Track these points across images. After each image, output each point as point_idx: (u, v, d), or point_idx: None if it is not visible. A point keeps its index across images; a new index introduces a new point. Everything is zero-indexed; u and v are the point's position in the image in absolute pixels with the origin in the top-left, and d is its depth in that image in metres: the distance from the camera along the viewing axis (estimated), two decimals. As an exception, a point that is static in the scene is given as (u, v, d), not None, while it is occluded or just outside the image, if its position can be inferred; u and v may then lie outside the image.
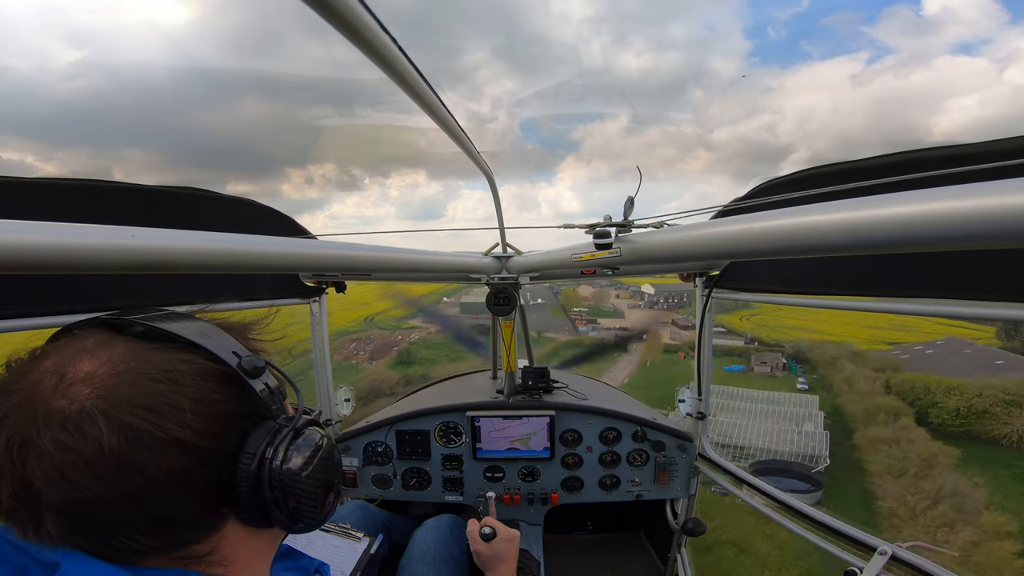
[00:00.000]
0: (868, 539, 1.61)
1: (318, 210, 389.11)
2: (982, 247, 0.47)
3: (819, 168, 1.35)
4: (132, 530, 0.50)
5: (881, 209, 0.55)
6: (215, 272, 0.84)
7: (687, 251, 1.03)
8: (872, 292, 1.46)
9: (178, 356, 0.55)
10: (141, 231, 0.69)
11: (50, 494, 0.47)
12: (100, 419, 0.47)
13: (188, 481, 0.52)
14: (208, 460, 0.54)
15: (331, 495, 0.67)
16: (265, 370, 0.60)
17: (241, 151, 70.83)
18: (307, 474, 0.60)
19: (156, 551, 0.53)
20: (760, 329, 59.39)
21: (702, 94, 63.87)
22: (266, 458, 0.57)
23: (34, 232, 0.59)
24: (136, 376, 0.51)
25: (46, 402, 0.48)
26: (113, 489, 0.48)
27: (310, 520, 0.63)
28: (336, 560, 1.45)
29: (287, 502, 0.59)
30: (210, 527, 0.56)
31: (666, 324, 63.73)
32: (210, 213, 1.56)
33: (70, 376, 0.50)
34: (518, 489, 2.45)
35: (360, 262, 1.39)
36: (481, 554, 1.53)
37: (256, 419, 0.60)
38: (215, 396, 0.55)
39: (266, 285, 2.05)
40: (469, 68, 62.79)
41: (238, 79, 61.53)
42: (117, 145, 72.41)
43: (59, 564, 0.48)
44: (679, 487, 2.44)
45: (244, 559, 0.60)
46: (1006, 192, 0.43)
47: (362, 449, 2.43)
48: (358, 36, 0.64)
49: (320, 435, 0.65)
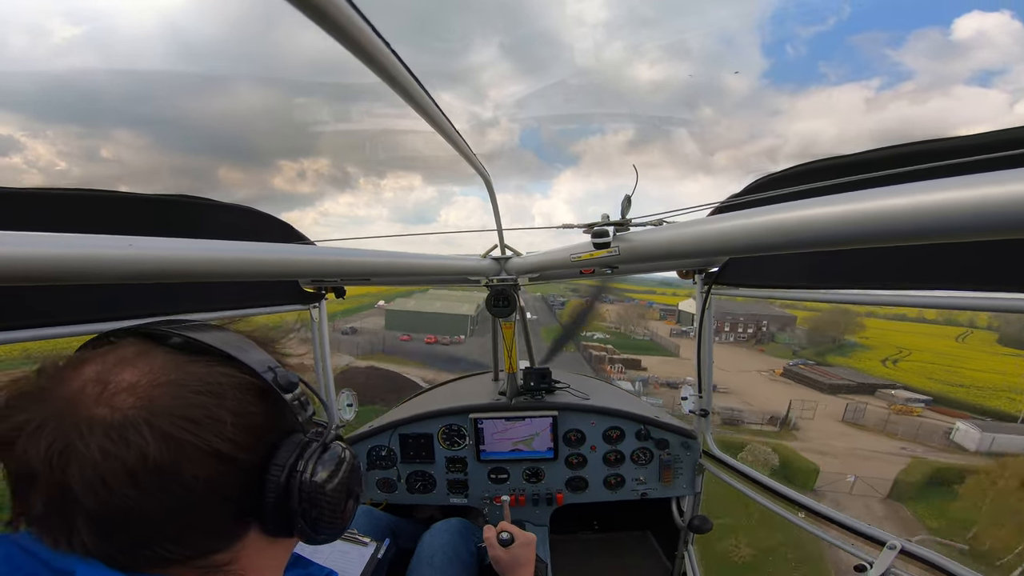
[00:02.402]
0: (877, 533, 1.60)
1: (309, 207, 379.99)
2: (978, 237, 0.48)
3: (815, 163, 1.36)
4: (163, 539, 0.51)
5: (877, 202, 0.55)
6: (214, 280, 0.84)
7: (685, 248, 1.03)
8: (871, 284, 1.46)
9: (218, 370, 0.56)
10: (139, 240, 0.69)
11: (89, 501, 0.47)
12: (144, 428, 0.48)
13: (223, 491, 0.53)
14: (242, 471, 0.55)
15: (352, 505, 0.69)
16: (298, 385, 0.62)
17: (233, 139, 69.85)
18: (333, 487, 0.62)
19: (180, 560, 0.53)
20: (927, 381, 38.95)
21: (711, 112, 60.14)
22: (296, 471, 0.59)
23: (30, 243, 0.58)
24: (178, 388, 0.52)
25: (89, 410, 0.49)
26: (152, 498, 0.48)
27: (331, 531, 0.65)
28: (344, 566, 1.45)
29: (312, 513, 0.60)
30: (234, 536, 0.57)
31: (772, 378, 39.11)
32: (208, 221, 1.56)
33: (113, 386, 0.50)
34: (523, 490, 2.45)
35: (360, 267, 1.39)
36: (500, 560, 1.52)
37: (285, 432, 0.61)
38: (252, 409, 0.57)
39: (266, 292, 2.06)
40: (472, 69, 60.45)
41: (233, 66, 59.94)
42: (107, 126, 71.02)
43: (73, 573, 0.48)
44: (684, 485, 2.44)
45: (260, 568, 0.61)
46: (999, 183, 0.44)
47: (366, 453, 2.42)
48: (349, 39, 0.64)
49: (344, 449, 0.67)
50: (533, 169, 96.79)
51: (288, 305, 2.26)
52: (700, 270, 2.27)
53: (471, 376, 3.62)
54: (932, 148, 1.04)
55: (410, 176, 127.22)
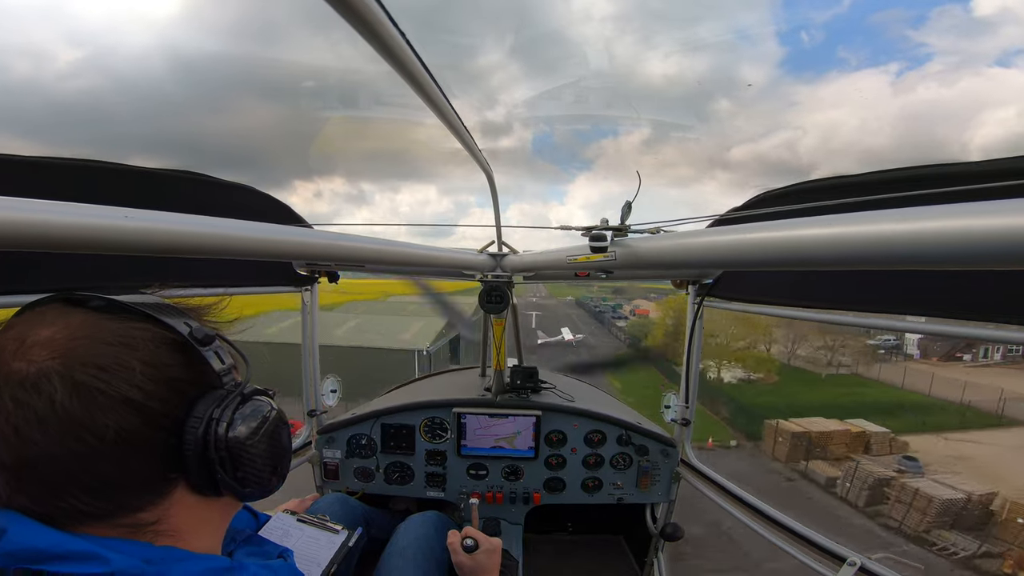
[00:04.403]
0: (838, 549, 1.64)
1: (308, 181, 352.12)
2: (975, 267, 0.48)
3: (816, 182, 1.37)
4: (77, 489, 0.51)
5: (875, 226, 0.55)
6: (208, 256, 0.84)
7: (681, 259, 1.03)
8: (861, 308, 1.48)
9: (133, 324, 0.57)
10: (135, 212, 0.68)
11: (2, 451, 0.49)
12: (55, 378, 0.50)
13: (136, 441, 0.53)
14: (156, 423, 0.55)
15: (280, 460, 0.68)
16: (215, 339, 0.63)
17: (245, 159, 65.94)
18: (254, 438, 0.62)
19: (102, 515, 0.54)
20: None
21: (729, 104, 56.16)
22: (212, 419, 0.59)
23: (27, 209, 0.58)
24: (91, 341, 0.54)
25: (7, 365, 0.50)
26: (62, 446, 0.49)
27: (257, 483, 0.64)
28: (313, 552, 1.44)
29: (232, 465, 0.60)
30: (158, 493, 0.58)
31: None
32: (206, 197, 1.54)
33: (29, 341, 0.52)
34: (501, 488, 2.46)
35: (355, 253, 1.39)
36: (463, 566, 1.52)
37: (207, 387, 0.62)
38: (167, 361, 0.58)
39: (258, 272, 2.04)
40: (482, 67, 59.00)
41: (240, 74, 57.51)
42: (121, 149, 68.08)
43: (5, 530, 0.49)
44: (660, 492, 2.46)
45: (193, 529, 0.61)
46: (1004, 213, 0.43)
47: (346, 441, 2.42)
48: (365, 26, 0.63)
49: (268, 404, 0.67)
50: (549, 175, 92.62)
51: (280, 286, 2.24)
52: (694, 281, 2.29)
53: (458, 370, 3.62)
54: (935, 173, 1.05)
55: (425, 188, 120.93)
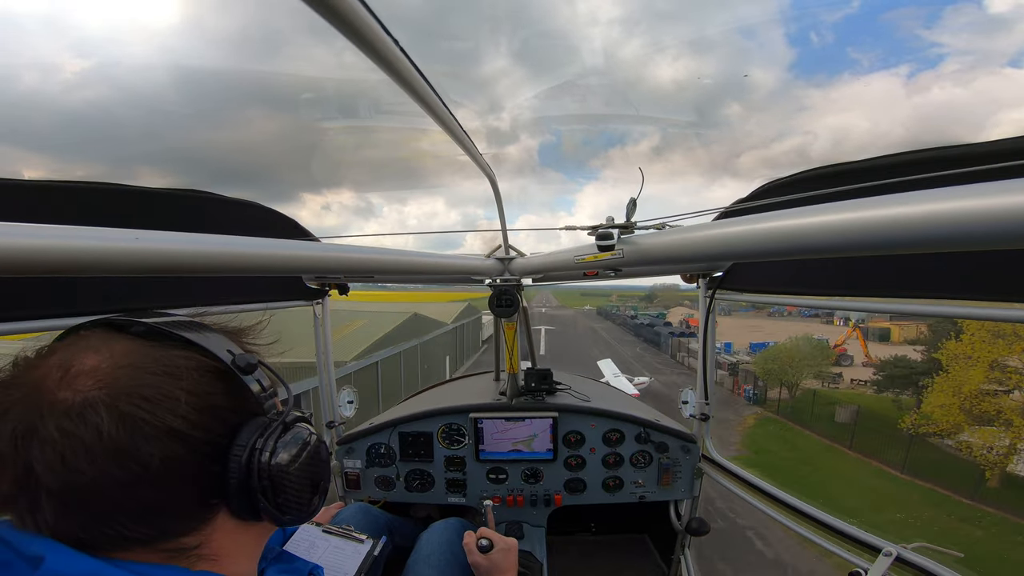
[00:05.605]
0: (872, 539, 1.60)
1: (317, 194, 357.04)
2: (987, 247, 0.47)
3: (822, 169, 1.35)
4: (122, 516, 0.52)
5: (883, 210, 0.54)
6: (218, 274, 0.85)
7: (690, 252, 1.03)
8: (876, 293, 1.45)
9: (176, 352, 0.58)
10: (145, 234, 0.69)
11: (49, 479, 0.49)
12: (101, 408, 0.50)
13: (180, 469, 0.54)
14: (200, 451, 0.56)
15: (319, 487, 0.70)
16: (257, 367, 0.63)
17: (251, 174, 66.52)
18: (293, 465, 0.63)
19: (145, 540, 0.54)
20: None
21: (740, 108, 54.05)
22: (256, 449, 0.60)
23: (38, 235, 0.59)
24: (136, 370, 0.54)
25: (52, 393, 0.51)
26: (108, 474, 0.50)
27: (297, 510, 0.65)
28: (339, 562, 1.45)
29: (273, 492, 0.61)
30: (200, 518, 0.58)
31: None
32: (213, 215, 1.57)
33: (75, 370, 0.52)
34: (521, 491, 2.45)
35: (364, 264, 1.40)
36: (480, 566, 1.52)
37: (248, 414, 0.62)
38: (209, 390, 0.58)
39: (269, 287, 2.06)
40: (487, 73, 58.46)
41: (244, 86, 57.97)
42: (129, 161, 67.83)
43: (43, 558, 0.49)
44: (683, 488, 2.44)
45: (232, 553, 0.62)
46: (1009, 192, 0.43)
47: (365, 451, 2.43)
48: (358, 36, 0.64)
49: (308, 430, 0.68)
50: (556, 185, 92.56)
51: (292, 301, 2.27)
52: (704, 274, 2.27)
53: (473, 375, 3.62)
54: (939, 155, 1.03)
55: (433, 200, 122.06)
